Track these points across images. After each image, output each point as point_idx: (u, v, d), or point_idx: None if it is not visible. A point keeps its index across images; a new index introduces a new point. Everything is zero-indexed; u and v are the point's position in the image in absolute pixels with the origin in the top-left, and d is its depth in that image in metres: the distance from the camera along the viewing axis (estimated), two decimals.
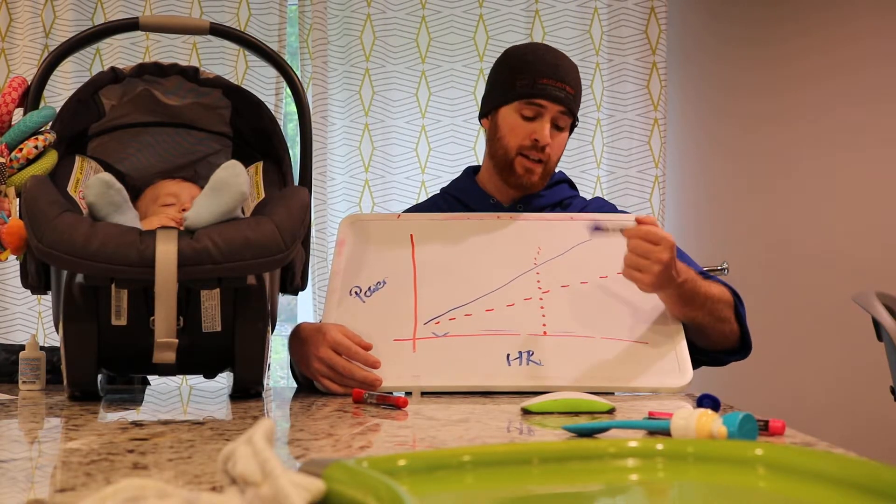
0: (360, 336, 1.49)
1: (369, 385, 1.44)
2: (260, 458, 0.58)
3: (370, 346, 1.48)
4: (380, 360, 1.46)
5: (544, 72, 1.71)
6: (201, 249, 1.27)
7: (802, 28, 3.10)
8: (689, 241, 2.96)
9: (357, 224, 1.71)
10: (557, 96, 1.70)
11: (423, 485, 0.69)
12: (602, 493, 0.74)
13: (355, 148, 2.94)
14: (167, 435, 1.06)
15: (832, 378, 2.99)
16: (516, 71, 1.74)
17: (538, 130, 1.70)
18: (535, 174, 1.74)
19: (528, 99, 1.71)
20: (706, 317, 1.55)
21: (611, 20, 2.93)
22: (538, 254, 1.63)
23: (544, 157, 1.72)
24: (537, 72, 1.71)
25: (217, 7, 2.94)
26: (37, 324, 2.87)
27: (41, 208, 1.29)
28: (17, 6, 2.94)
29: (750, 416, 0.89)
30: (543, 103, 1.70)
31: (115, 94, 1.58)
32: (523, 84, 1.71)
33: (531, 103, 1.71)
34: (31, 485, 0.81)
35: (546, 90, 1.70)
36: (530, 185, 1.76)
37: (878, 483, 0.65)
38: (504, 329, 1.52)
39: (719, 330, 1.59)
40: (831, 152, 3.06)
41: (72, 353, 1.34)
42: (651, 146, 2.89)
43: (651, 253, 1.44)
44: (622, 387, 1.46)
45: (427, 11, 2.95)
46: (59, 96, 2.77)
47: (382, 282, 1.61)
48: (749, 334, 1.63)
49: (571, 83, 1.73)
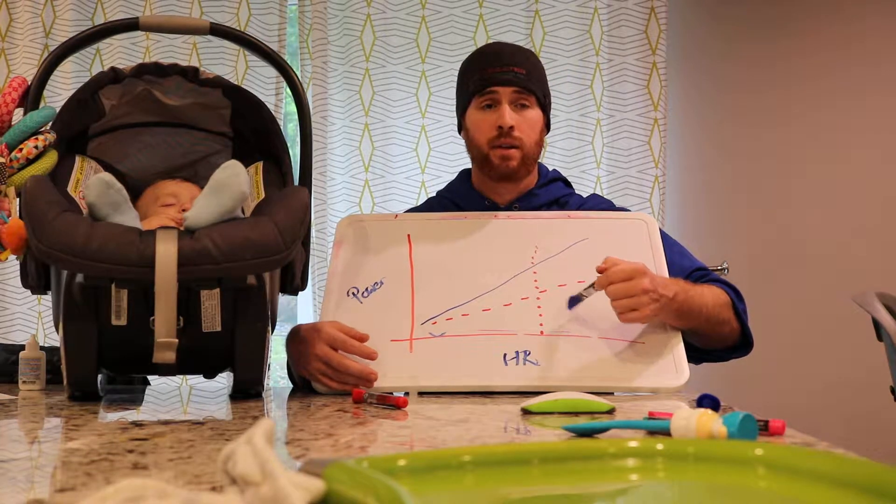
0: (355, 329, 1.49)
1: (365, 379, 1.44)
2: (260, 458, 0.58)
3: (366, 336, 1.48)
4: (377, 357, 1.46)
5: (487, 63, 1.74)
6: (201, 249, 1.27)
7: (803, 28, 3.10)
8: (689, 241, 2.94)
9: (354, 225, 1.71)
10: (505, 79, 1.71)
11: (423, 485, 0.69)
12: (602, 493, 0.74)
13: (355, 148, 2.94)
14: (167, 435, 1.05)
15: (832, 378, 2.98)
16: (466, 74, 1.77)
17: (499, 116, 1.70)
18: (513, 159, 1.72)
19: (480, 92, 1.72)
20: (704, 324, 1.55)
21: (611, 20, 2.92)
22: (535, 253, 1.63)
23: (516, 142, 1.71)
24: (482, 65, 1.74)
25: (217, 7, 2.94)
26: (37, 324, 2.87)
27: (41, 208, 1.29)
28: (17, 6, 2.94)
29: (750, 416, 0.89)
30: (494, 89, 1.71)
31: (115, 94, 1.58)
32: (473, 81, 1.74)
33: (483, 94, 1.72)
34: (31, 485, 0.81)
35: (493, 77, 1.71)
36: (512, 172, 1.73)
37: (878, 483, 0.65)
38: (501, 329, 1.52)
39: (718, 333, 1.59)
40: (831, 152, 3.06)
41: (72, 353, 1.34)
42: (651, 146, 2.88)
43: (632, 289, 1.44)
44: (618, 387, 1.46)
45: (427, 11, 2.95)
46: (59, 96, 2.77)
47: (380, 282, 1.61)
48: (749, 331, 1.63)
49: (519, 64, 1.73)
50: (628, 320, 1.46)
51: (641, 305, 1.45)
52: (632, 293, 1.44)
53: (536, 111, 1.74)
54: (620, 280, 1.45)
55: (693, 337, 1.57)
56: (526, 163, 1.74)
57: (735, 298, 1.62)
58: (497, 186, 1.79)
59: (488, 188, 1.81)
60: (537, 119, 1.75)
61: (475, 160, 1.79)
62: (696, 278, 1.66)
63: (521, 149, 1.72)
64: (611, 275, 1.45)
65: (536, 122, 1.74)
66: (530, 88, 1.72)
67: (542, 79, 1.78)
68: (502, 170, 1.73)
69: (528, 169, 1.77)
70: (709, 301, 1.55)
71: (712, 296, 1.57)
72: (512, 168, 1.73)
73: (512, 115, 1.70)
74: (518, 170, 1.74)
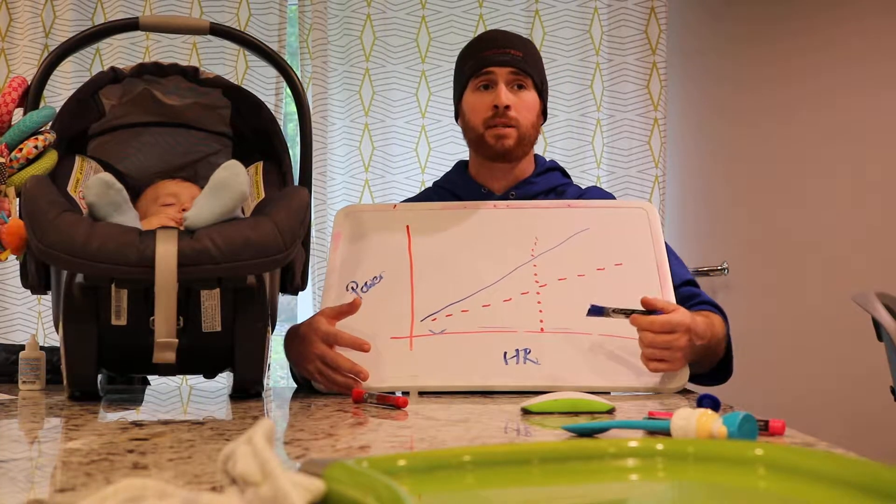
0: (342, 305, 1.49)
1: (356, 375, 1.44)
2: (260, 458, 0.58)
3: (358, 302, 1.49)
4: (375, 356, 1.46)
5: (485, 46, 1.75)
6: (201, 249, 1.27)
7: (803, 27, 3.10)
8: (689, 241, 2.96)
9: (353, 215, 1.70)
10: (502, 60, 1.71)
11: (423, 485, 0.69)
12: (602, 493, 0.74)
13: (355, 148, 2.94)
14: (167, 435, 1.05)
15: (832, 378, 2.98)
16: (464, 59, 1.79)
17: (495, 97, 1.70)
18: (509, 138, 1.71)
19: (476, 74, 1.73)
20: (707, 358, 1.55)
21: (611, 20, 2.92)
22: (535, 244, 1.62)
23: (512, 122, 1.71)
24: (479, 48, 1.75)
25: (217, 7, 2.94)
26: (37, 324, 2.87)
27: (41, 208, 1.29)
28: (17, 6, 2.94)
29: (750, 416, 0.89)
30: (491, 69, 1.72)
31: (115, 94, 1.58)
32: (470, 65, 1.74)
33: (480, 75, 1.73)
34: (31, 485, 0.81)
35: (490, 59, 1.72)
36: (507, 151, 1.72)
37: (878, 483, 0.65)
38: (501, 326, 1.51)
39: (710, 362, 1.59)
40: (832, 152, 3.06)
41: (72, 353, 1.34)
42: (651, 146, 2.89)
43: (671, 343, 1.42)
44: (618, 386, 1.46)
45: (427, 11, 2.95)
46: (59, 96, 2.77)
47: (379, 276, 1.60)
48: (732, 361, 1.62)
49: (516, 47, 1.74)
50: (652, 370, 1.44)
51: (673, 360, 1.43)
52: (668, 348, 1.42)
53: (533, 94, 1.74)
54: (661, 331, 1.42)
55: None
56: (522, 144, 1.73)
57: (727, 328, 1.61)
58: (493, 172, 1.77)
59: (484, 176, 1.80)
60: (533, 101, 1.74)
61: (471, 143, 1.78)
62: (685, 295, 1.64)
63: (517, 128, 1.71)
64: (656, 324, 1.42)
65: (533, 104, 1.74)
66: (527, 70, 1.73)
67: (539, 64, 1.78)
68: (497, 149, 1.72)
69: (525, 150, 1.76)
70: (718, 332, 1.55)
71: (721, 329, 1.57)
72: (508, 147, 1.72)
73: (508, 95, 1.70)
74: (514, 149, 1.73)
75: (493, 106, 1.70)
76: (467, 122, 1.76)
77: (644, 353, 1.43)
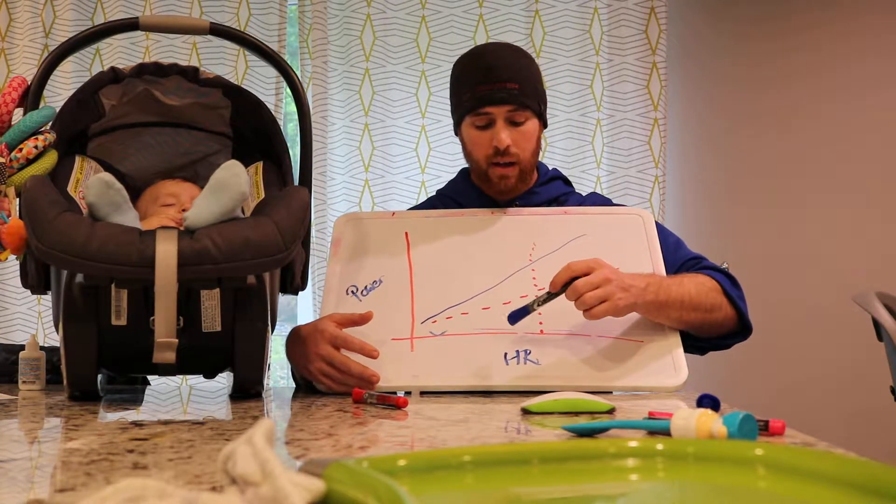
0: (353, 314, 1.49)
1: (366, 381, 1.44)
2: (260, 458, 0.58)
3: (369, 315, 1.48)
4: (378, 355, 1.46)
5: (480, 79, 1.69)
6: (201, 249, 1.27)
7: (803, 26, 3.10)
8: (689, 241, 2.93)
9: (352, 222, 1.71)
10: (499, 98, 1.67)
11: (423, 485, 0.69)
12: (602, 493, 0.74)
13: (355, 148, 2.94)
14: (167, 435, 1.05)
15: (832, 378, 2.98)
16: (460, 85, 1.74)
17: (495, 136, 1.68)
18: (511, 178, 1.72)
19: (474, 112, 1.70)
20: (690, 313, 1.52)
21: (611, 20, 2.93)
22: (533, 250, 1.63)
23: (513, 159, 1.70)
24: (475, 82, 1.69)
25: (217, 7, 2.94)
26: (37, 324, 2.87)
27: (41, 208, 1.29)
28: (17, 6, 2.94)
29: (750, 416, 0.89)
30: (488, 110, 1.68)
31: (115, 94, 1.58)
32: (467, 98, 1.70)
33: (478, 114, 1.69)
34: (31, 485, 0.81)
35: (486, 97, 1.68)
36: (510, 189, 1.74)
37: (878, 483, 0.65)
38: (501, 328, 1.51)
39: (710, 320, 1.56)
40: (832, 152, 3.06)
41: (72, 353, 1.34)
42: (651, 146, 2.89)
43: (593, 282, 1.42)
44: (618, 386, 1.46)
45: (427, 11, 2.95)
46: (59, 96, 2.77)
47: (379, 280, 1.61)
48: (746, 316, 1.60)
49: (512, 79, 1.68)
50: (600, 313, 1.43)
51: (610, 295, 1.42)
52: (597, 284, 1.42)
53: (532, 122, 1.72)
54: (582, 274, 1.43)
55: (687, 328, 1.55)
56: (523, 176, 1.75)
57: (727, 284, 1.59)
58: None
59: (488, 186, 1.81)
60: (533, 131, 1.73)
61: (473, 171, 1.80)
62: (689, 268, 1.65)
63: (518, 164, 1.72)
64: (567, 272, 1.43)
65: (532, 133, 1.73)
66: (525, 104, 1.69)
67: (537, 87, 1.74)
68: (501, 187, 1.74)
69: (526, 180, 1.77)
70: (690, 289, 1.52)
71: (694, 283, 1.54)
72: (510, 185, 1.74)
73: (507, 134, 1.68)
74: (516, 185, 1.75)
75: (493, 146, 1.69)
76: (469, 154, 1.76)
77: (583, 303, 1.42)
